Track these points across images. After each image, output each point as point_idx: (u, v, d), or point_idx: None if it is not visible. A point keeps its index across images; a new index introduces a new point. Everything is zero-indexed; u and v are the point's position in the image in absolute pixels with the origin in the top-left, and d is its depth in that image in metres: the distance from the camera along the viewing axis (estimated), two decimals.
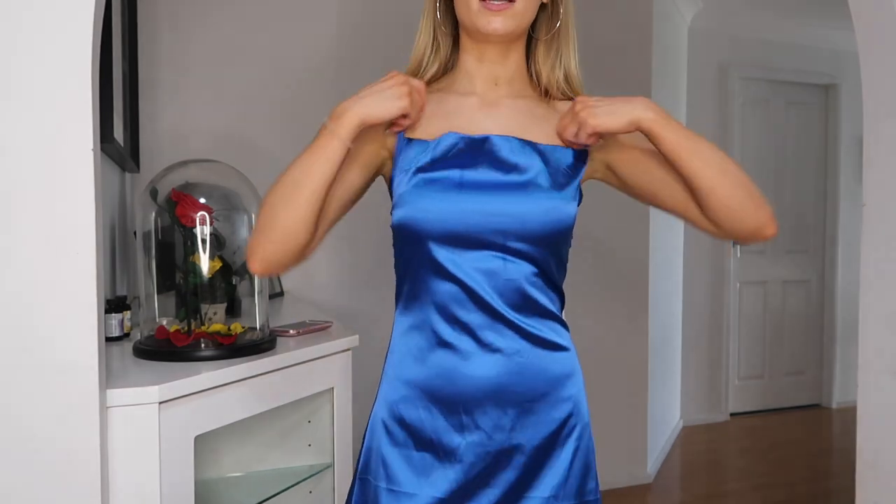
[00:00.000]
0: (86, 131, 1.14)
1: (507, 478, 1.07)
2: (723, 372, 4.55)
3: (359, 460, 1.12)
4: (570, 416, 1.10)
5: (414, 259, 1.07)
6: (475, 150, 1.06)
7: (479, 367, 1.05)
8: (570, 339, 1.13)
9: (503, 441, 1.07)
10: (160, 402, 1.23)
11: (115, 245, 2.06)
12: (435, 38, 1.15)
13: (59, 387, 1.13)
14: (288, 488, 1.63)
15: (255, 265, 1.04)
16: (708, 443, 4.17)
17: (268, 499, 1.59)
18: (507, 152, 1.07)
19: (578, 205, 1.09)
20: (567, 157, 1.10)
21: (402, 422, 1.08)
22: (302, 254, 1.05)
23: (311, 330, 1.72)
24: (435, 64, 1.15)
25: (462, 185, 1.04)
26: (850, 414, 4.31)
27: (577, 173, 1.10)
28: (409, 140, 1.08)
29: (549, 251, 1.07)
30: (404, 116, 1.05)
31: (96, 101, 1.17)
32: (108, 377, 1.23)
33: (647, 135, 1.05)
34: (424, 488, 1.06)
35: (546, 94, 1.15)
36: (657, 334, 3.61)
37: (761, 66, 4.60)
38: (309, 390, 1.62)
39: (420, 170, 1.05)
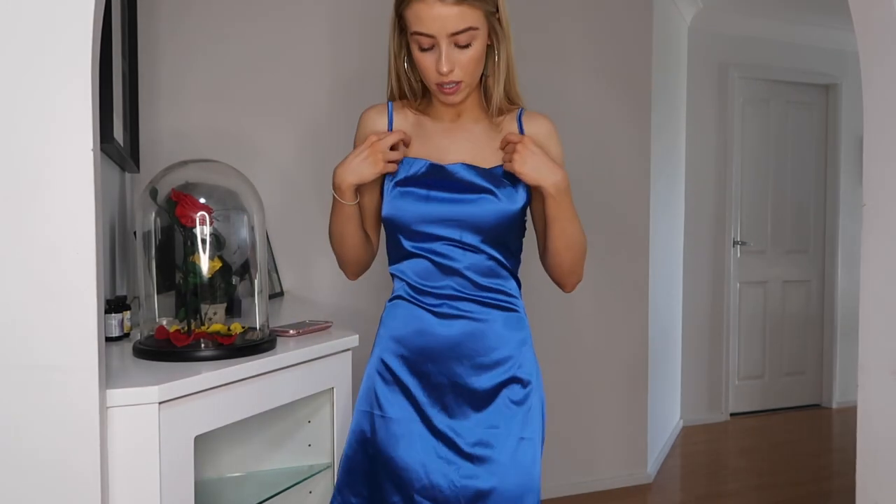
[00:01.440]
0: (86, 131, 1.14)
1: None
2: (723, 372, 4.55)
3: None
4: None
5: (397, 243, 1.43)
6: (438, 174, 1.40)
7: (444, 328, 1.40)
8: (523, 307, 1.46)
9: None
10: (160, 402, 1.23)
11: (115, 245, 2.06)
12: (405, 82, 1.45)
13: (59, 387, 1.13)
14: (288, 488, 1.63)
15: (351, 277, 1.56)
16: (708, 443, 4.17)
17: (268, 499, 1.59)
18: (461, 176, 1.40)
19: (527, 200, 1.42)
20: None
21: (387, 367, 1.43)
22: (373, 254, 1.55)
23: (311, 330, 1.72)
24: (411, 96, 1.46)
25: (428, 198, 1.38)
26: (850, 414, 4.30)
27: (517, 180, 1.40)
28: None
29: (497, 241, 1.40)
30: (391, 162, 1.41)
31: (96, 101, 1.17)
32: (108, 377, 1.23)
33: (548, 197, 1.37)
34: None
35: (497, 110, 1.45)
36: (657, 334, 3.61)
37: (761, 66, 4.60)
38: (309, 390, 1.62)
39: (398, 183, 1.40)
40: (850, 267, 4.79)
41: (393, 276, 1.46)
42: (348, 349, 1.73)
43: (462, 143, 1.43)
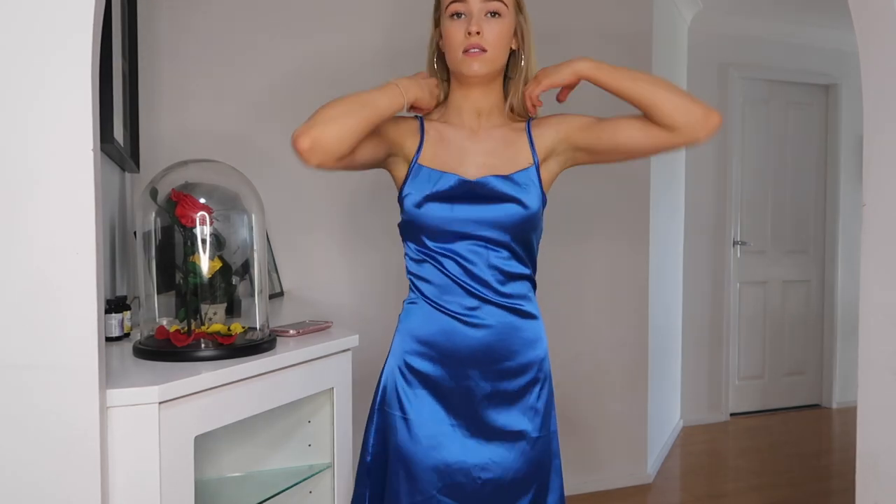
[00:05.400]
0: (86, 131, 1.14)
1: None
2: (723, 372, 4.55)
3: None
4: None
5: (420, 244, 1.44)
6: (466, 188, 1.43)
7: (470, 330, 1.42)
8: (538, 308, 1.49)
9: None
10: (160, 402, 1.23)
11: (115, 245, 2.06)
12: (434, 73, 1.51)
13: (59, 387, 1.13)
14: (288, 488, 1.64)
15: (305, 142, 1.30)
16: (708, 443, 4.17)
17: (268, 499, 1.59)
18: (491, 187, 1.43)
19: (543, 204, 1.46)
20: (531, 175, 1.45)
21: (411, 367, 1.44)
22: (337, 158, 1.33)
23: (311, 330, 1.72)
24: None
25: (453, 208, 1.41)
26: (850, 414, 4.30)
27: (539, 182, 1.45)
28: (421, 166, 1.44)
29: (520, 243, 1.44)
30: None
31: (96, 101, 1.17)
32: (108, 377, 1.23)
33: (591, 81, 1.44)
34: None
35: (512, 107, 1.52)
36: (657, 334, 3.61)
37: (761, 66, 4.60)
38: (309, 390, 1.63)
39: (427, 198, 1.42)
40: (850, 267, 4.78)
41: (413, 278, 1.47)
42: (348, 349, 1.73)
43: (484, 150, 1.47)
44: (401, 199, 1.45)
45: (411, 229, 1.44)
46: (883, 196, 1.59)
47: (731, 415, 4.59)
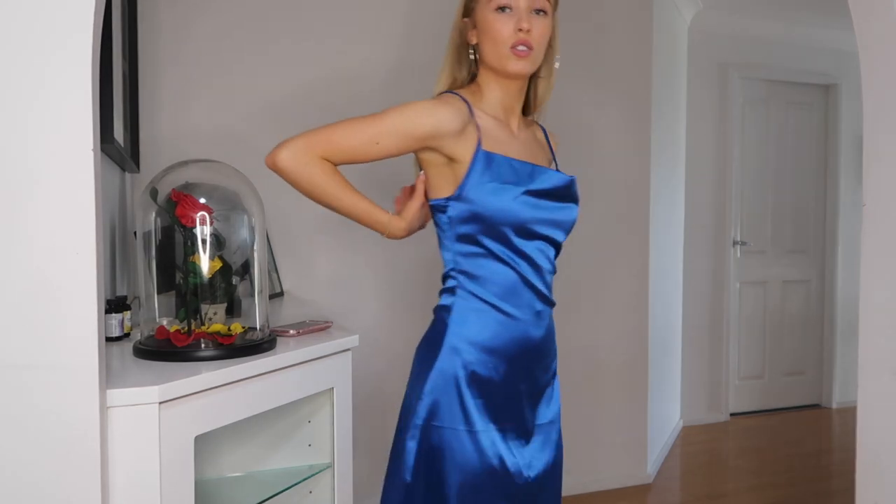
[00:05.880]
0: (86, 131, 1.14)
1: None
2: (723, 372, 4.54)
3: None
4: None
5: (501, 237, 1.37)
6: (567, 186, 1.44)
7: (535, 331, 1.41)
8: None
9: None
10: (160, 402, 1.23)
11: (115, 245, 2.06)
12: (460, 69, 1.47)
13: (59, 387, 1.13)
14: (288, 488, 1.64)
15: (278, 161, 1.32)
16: (708, 443, 4.17)
17: (268, 499, 1.59)
18: (574, 189, 1.45)
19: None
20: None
21: (477, 377, 1.36)
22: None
23: (311, 330, 1.72)
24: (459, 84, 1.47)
25: (538, 206, 1.38)
26: (850, 414, 4.30)
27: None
28: (489, 153, 1.36)
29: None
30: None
31: (96, 101, 1.17)
32: (108, 377, 1.23)
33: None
34: None
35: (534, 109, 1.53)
36: (657, 334, 3.61)
37: (761, 66, 4.60)
38: (309, 390, 1.63)
39: (528, 192, 1.36)
40: (850, 267, 4.78)
41: (466, 278, 1.38)
42: (348, 349, 1.73)
43: (525, 149, 1.45)
44: (470, 189, 1.34)
45: (487, 224, 1.35)
46: (883, 196, 1.59)
47: (731, 415, 4.59)
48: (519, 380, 1.40)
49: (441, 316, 1.39)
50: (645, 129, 3.37)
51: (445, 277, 1.41)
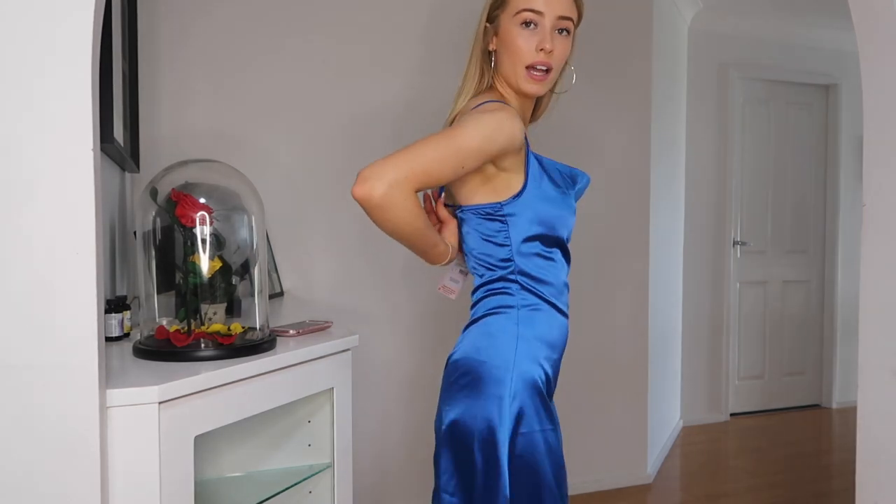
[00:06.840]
0: (86, 131, 1.14)
1: None
2: (723, 372, 4.54)
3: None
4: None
5: (557, 247, 1.44)
6: (583, 188, 1.48)
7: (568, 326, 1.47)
8: None
9: None
10: (160, 402, 1.23)
11: (115, 245, 2.06)
12: (485, 74, 1.45)
13: (59, 387, 1.13)
14: (288, 488, 1.63)
15: (374, 193, 1.19)
16: (708, 443, 4.17)
17: (268, 499, 1.59)
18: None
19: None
20: None
21: (548, 377, 1.40)
22: None
23: (311, 330, 1.72)
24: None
25: (574, 209, 1.45)
26: (850, 414, 4.30)
27: None
28: (538, 157, 1.41)
29: None
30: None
31: (96, 101, 1.17)
32: (108, 377, 1.23)
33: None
34: None
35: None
36: (657, 334, 3.61)
37: (761, 66, 4.60)
38: (309, 390, 1.62)
39: (576, 193, 1.45)
40: (850, 267, 4.78)
41: (530, 280, 1.38)
42: (348, 349, 1.73)
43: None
44: (530, 194, 1.36)
45: (547, 226, 1.39)
46: (883, 196, 1.59)
47: (731, 415, 4.59)
48: (558, 374, 1.46)
49: (501, 317, 1.36)
50: (645, 129, 3.37)
51: (495, 280, 1.39)
